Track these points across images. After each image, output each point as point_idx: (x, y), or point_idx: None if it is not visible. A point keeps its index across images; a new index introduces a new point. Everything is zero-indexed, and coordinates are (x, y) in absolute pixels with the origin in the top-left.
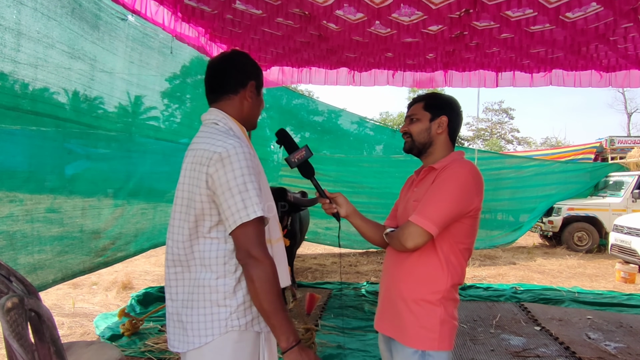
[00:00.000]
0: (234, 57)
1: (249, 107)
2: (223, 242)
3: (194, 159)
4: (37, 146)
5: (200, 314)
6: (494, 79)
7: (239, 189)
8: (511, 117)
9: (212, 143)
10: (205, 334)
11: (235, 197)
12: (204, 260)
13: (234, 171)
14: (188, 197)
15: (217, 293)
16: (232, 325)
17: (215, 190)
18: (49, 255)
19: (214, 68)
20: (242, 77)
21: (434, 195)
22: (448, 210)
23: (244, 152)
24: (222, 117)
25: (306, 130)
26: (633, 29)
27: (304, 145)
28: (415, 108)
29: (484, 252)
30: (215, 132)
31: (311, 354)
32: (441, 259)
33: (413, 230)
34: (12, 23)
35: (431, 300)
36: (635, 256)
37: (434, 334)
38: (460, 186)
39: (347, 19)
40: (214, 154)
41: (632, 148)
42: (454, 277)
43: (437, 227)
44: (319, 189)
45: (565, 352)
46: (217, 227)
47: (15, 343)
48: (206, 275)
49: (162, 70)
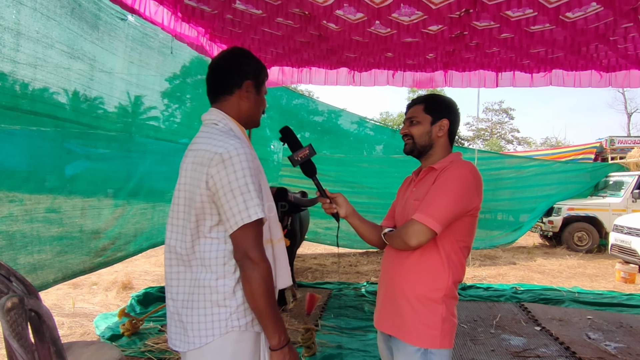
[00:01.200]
0: (232, 56)
1: (247, 107)
2: (223, 242)
3: (195, 159)
4: (37, 146)
5: (200, 315)
6: (494, 79)
7: (241, 190)
8: (511, 117)
9: (213, 144)
10: (205, 334)
11: (237, 199)
12: (204, 260)
13: (235, 172)
14: (189, 197)
15: (217, 294)
16: (232, 326)
17: (217, 192)
18: (49, 255)
19: (212, 68)
20: (237, 77)
21: (437, 194)
22: (451, 209)
23: (245, 154)
24: (222, 117)
25: (306, 130)
26: (633, 29)
27: (308, 144)
28: (416, 110)
29: (484, 252)
30: (216, 133)
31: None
32: (442, 256)
33: (417, 228)
34: (11, 23)
35: (433, 298)
36: (635, 256)
37: (435, 332)
38: (462, 185)
39: (347, 19)
40: (215, 155)
41: (632, 148)
42: (455, 274)
43: (440, 225)
44: (320, 188)
45: (566, 352)
46: (218, 227)
47: (15, 343)
48: (206, 276)
49: (162, 70)
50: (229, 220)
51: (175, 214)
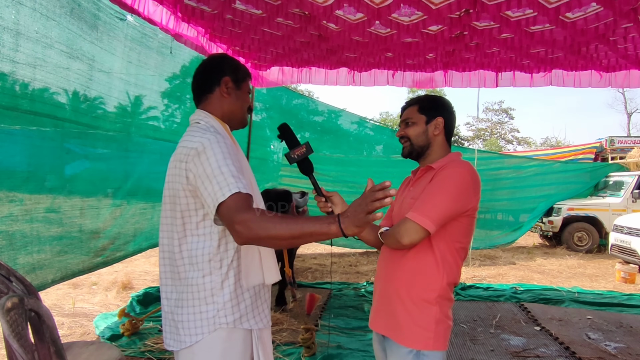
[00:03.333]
0: (210, 59)
1: (228, 103)
2: (209, 238)
3: (175, 157)
4: (36, 146)
5: (189, 313)
6: (494, 79)
7: (214, 173)
8: (511, 117)
9: (190, 140)
10: (195, 332)
11: (212, 181)
12: (191, 258)
13: (208, 159)
14: (173, 194)
15: (205, 291)
16: (220, 323)
17: (195, 183)
18: (49, 255)
19: (195, 73)
20: (214, 75)
21: (432, 193)
22: (445, 208)
23: (217, 142)
24: (204, 116)
25: (306, 130)
26: (633, 29)
27: (305, 142)
28: (410, 112)
29: (484, 252)
30: (195, 130)
31: (358, 219)
32: (437, 257)
33: (410, 227)
34: (10, 23)
35: (427, 299)
36: (635, 256)
37: (429, 333)
38: (459, 185)
39: (347, 19)
40: (191, 150)
41: (632, 148)
42: (450, 276)
43: (433, 224)
44: (316, 186)
45: (565, 352)
46: (204, 223)
47: (15, 343)
48: (194, 274)
49: (161, 70)
50: (209, 206)
51: (164, 212)
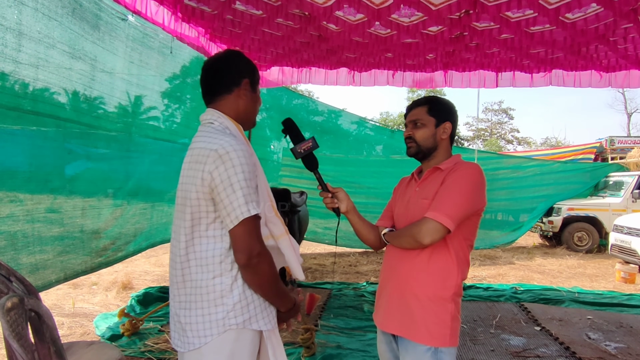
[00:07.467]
0: (227, 56)
1: (244, 105)
2: (220, 240)
3: (192, 158)
4: (38, 146)
5: (198, 315)
6: (494, 79)
7: (240, 185)
8: (511, 117)
9: (208, 141)
10: (204, 334)
11: (237, 193)
12: (201, 260)
13: (234, 167)
14: (185, 196)
15: (214, 292)
16: (230, 324)
17: (216, 187)
18: (50, 255)
19: (208, 69)
20: (235, 76)
21: (449, 193)
22: (464, 207)
23: (242, 150)
24: (217, 116)
25: (306, 131)
26: (633, 29)
27: (311, 137)
28: (419, 112)
29: (484, 252)
30: (211, 131)
31: (298, 311)
32: (452, 254)
33: (431, 226)
34: (13, 23)
35: (444, 296)
36: (635, 256)
37: (446, 330)
38: (473, 185)
39: (347, 20)
40: (210, 152)
41: (632, 148)
42: (463, 272)
43: (453, 223)
44: (321, 182)
45: (566, 352)
46: (214, 225)
47: (15, 343)
48: (203, 276)
49: (161, 71)
50: (229, 215)
51: (176, 214)
